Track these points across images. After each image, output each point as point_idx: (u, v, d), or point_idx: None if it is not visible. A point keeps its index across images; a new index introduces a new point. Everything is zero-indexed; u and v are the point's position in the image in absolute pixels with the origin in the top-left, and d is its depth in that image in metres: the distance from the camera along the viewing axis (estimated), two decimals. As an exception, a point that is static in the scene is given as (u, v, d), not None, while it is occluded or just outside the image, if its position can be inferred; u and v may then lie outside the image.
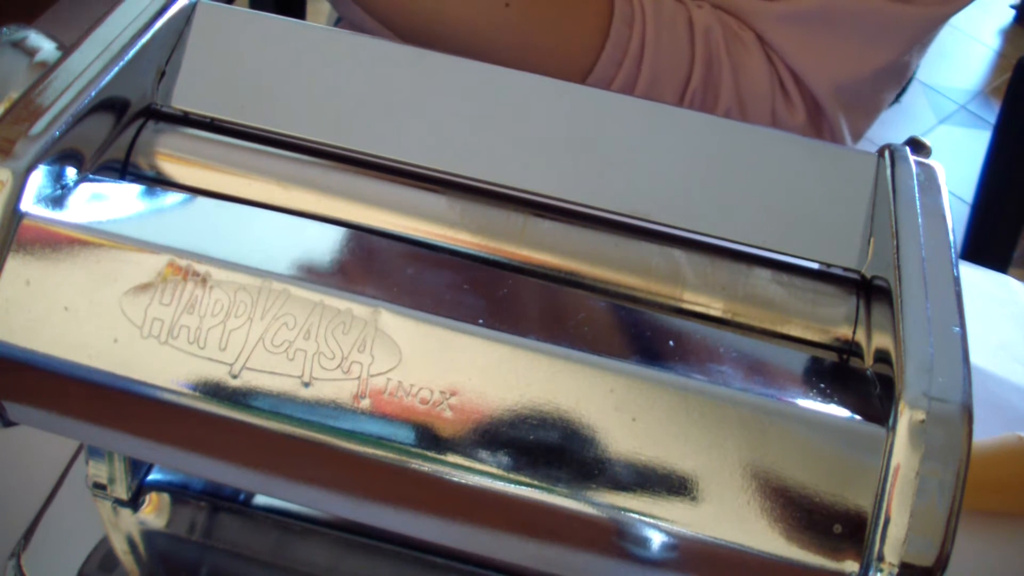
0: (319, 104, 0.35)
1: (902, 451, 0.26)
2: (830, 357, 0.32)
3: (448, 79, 0.35)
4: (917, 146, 0.36)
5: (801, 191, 0.34)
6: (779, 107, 0.60)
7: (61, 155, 0.31)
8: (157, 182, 0.34)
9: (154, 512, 0.43)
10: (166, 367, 0.28)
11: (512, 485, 0.28)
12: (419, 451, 0.28)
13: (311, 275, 0.29)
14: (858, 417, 0.28)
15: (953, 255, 0.31)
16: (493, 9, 0.56)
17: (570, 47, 0.58)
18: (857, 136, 0.64)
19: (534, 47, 0.57)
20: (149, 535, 0.43)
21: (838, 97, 0.59)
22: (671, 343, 0.30)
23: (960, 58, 2.33)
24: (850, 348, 0.32)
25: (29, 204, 0.29)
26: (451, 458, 0.28)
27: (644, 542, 0.28)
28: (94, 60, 0.32)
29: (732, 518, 0.27)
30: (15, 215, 0.29)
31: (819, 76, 0.58)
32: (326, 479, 0.30)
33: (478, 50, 0.56)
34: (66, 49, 0.33)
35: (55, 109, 0.31)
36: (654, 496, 0.27)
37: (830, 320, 0.33)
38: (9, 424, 0.31)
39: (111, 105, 0.33)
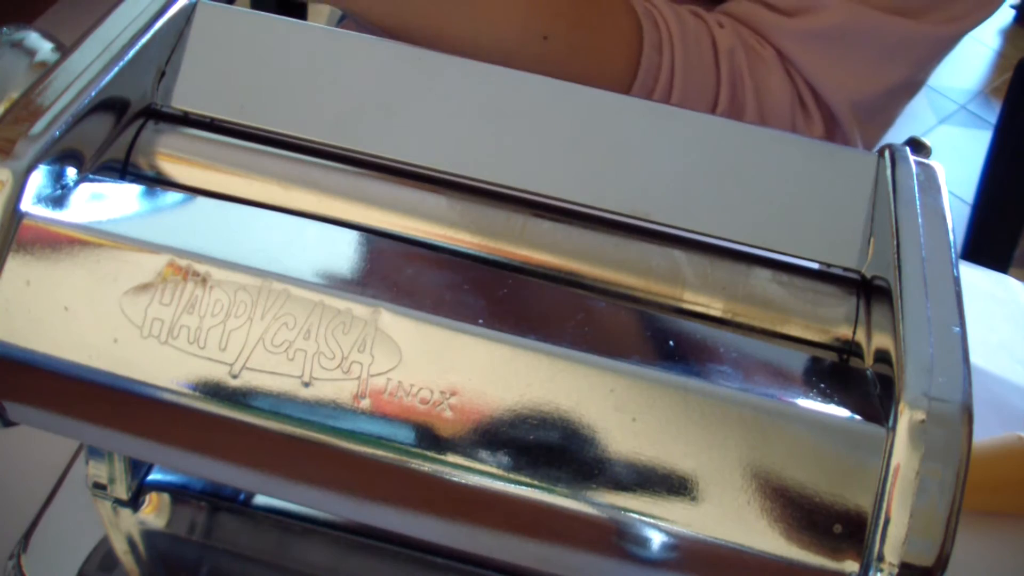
0: (319, 104, 0.35)
1: (902, 451, 0.26)
2: (830, 357, 0.32)
3: (448, 79, 0.35)
4: (917, 146, 0.36)
5: (801, 191, 0.34)
6: (798, 122, 0.60)
7: (61, 155, 0.31)
8: (157, 182, 0.34)
9: (154, 512, 0.43)
10: (166, 367, 0.28)
11: (512, 485, 0.28)
12: (419, 451, 0.28)
13: (311, 275, 0.29)
14: (858, 417, 0.28)
15: (953, 255, 0.31)
16: (531, 41, 0.56)
17: (604, 77, 0.58)
18: (869, 149, 0.64)
19: (569, 78, 0.58)
20: (149, 535, 0.43)
21: (855, 112, 0.60)
22: (671, 343, 0.30)
23: (960, 58, 2.33)
24: (850, 348, 0.32)
25: (29, 204, 0.29)
26: (451, 458, 0.28)
27: (644, 542, 0.28)
28: (94, 60, 0.32)
29: (732, 518, 0.27)
30: (15, 215, 0.29)
31: (837, 92, 0.59)
32: (326, 479, 0.30)
33: None
34: (66, 49, 0.33)
35: (55, 109, 0.31)
36: (654, 496, 0.27)
37: (830, 320, 0.33)
38: (9, 424, 0.31)
39: (111, 105, 0.33)
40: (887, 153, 0.35)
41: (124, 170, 0.34)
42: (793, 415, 0.28)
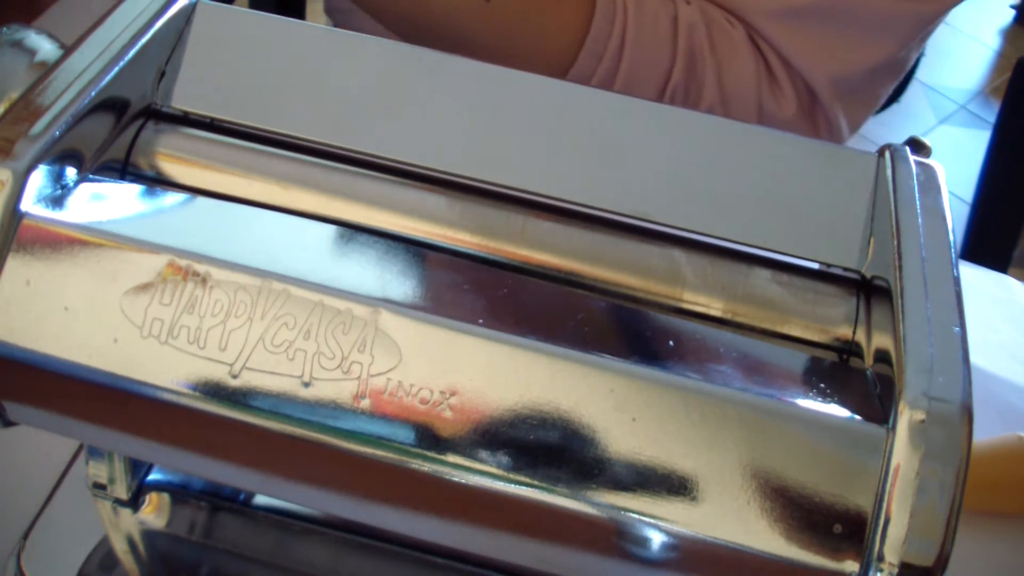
0: (319, 104, 0.35)
1: (902, 451, 0.26)
2: (830, 357, 0.32)
3: (448, 79, 0.35)
4: (917, 146, 0.36)
5: (801, 191, 0.34)
6: (766, 101, 0.60)
7: (61, 155, 0.31)
8: (157, 182, 0.34)
9: (154, 512, 0.43)
10: (166, 367, 0.28)
11: (512, 485, 0.28)
12: (419, 451, 0.28)
13: (311, 275, 0.29)
14: (858, 417, 0.28)
15: (953, 255, 0.31)
16: (473, 5, 0.56)
17: (550, 43, 0.58)
18: (855, 126, 0.64)
19: (513, 43, 0.58)
20: (149, 535, 0.43)
21: (835, 88, 0.59)
22: (671, 343, 0.30)
23: (960, 58, 2.33)
24: (850, 348, 0.32)
25: (29, 204, 0.29)
26: (451, 458, 0.28)
27: (644, 542, 0.28)
28: (94, 60, 0.32)
29: (732, 518, 0.27)
30: (15, 215, 0.29)
31: (815, 68, 0.59)
32: (326, 479, 0.30)
33: (458, 43, 0.56)
34: (66, 49, 0.33)
35: (55, 109, 0.31)
36: (654, 496, 0.27)
37: (830, 320, 0.33)
38: (9, 424, 0.31)
39: (111, 105, 0.33)
40: (887, 153, 0.35)
41: (124, 170, 0.34)
42: (793, 415, 0.28)
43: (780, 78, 0.59)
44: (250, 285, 0.29)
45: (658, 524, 0.27)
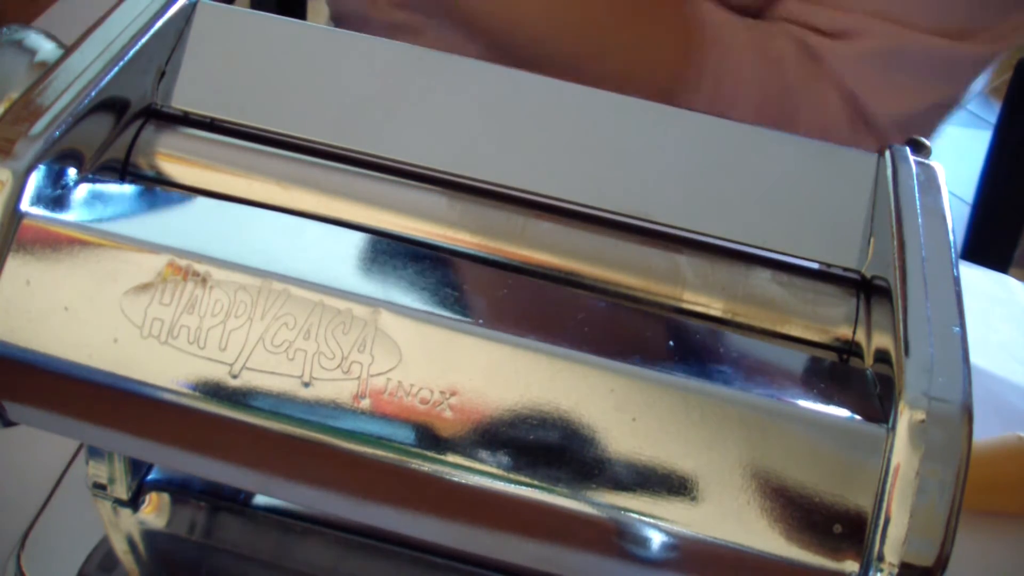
0: (319, 104, 0.35)
1: (902, 451, 0.26)
2: (830, 357, 0.32)
3: (449, 79, 0.35)
4: (917, 146, 0.36)
5: (801, 191, 0.34)
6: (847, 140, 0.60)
7: (61, 155, 0.31)
8: (157, 182, 0.34)
9: (154, 512, 0.43)
10: (166, 367, 0.28)
11: (512, 485, 0.28)
12: (419, 451, 0.28)
13: (311, 275, 0.29)
14: (858, 417, 0.28)
15: (953, 255, 0.31)
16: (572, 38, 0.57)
17: (646, 78, 0.59)
18: None
19: (610, 75, 0.59)
20: (149, 535, 0.43)
21: (896, 127, 0.60)
22: (671, 343, 0.30)
23: (960, 58, 2.33)
24: (850, 348, 0.32)
25: (29, 204, 0.29)
26: (451, 458, 0.28)
27: (644, 542, 0.28)
28: (94, 60, 0.32)
29: (732, 518, 0.27)
30: (15, 215, 0.29)
31: (883, 110, 0.59)
32: (326, 479, 0.30)
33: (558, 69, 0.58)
34: (66, 49, 0.33)
35: (55, 109, 0.31)
36: (654, 496, 0.27)
37: (830, 320, 0.33)
38: (9, 424, 0.31)
39: (111, 105, 0.33)
40: (887, 153, 0.35)
41: (124, 170, 0.34)
42: (793, 415, 0.28)
43: (857, 122, 0.60)
44: (250, 285, 0.29)
45: (658, 524, 0.27)
